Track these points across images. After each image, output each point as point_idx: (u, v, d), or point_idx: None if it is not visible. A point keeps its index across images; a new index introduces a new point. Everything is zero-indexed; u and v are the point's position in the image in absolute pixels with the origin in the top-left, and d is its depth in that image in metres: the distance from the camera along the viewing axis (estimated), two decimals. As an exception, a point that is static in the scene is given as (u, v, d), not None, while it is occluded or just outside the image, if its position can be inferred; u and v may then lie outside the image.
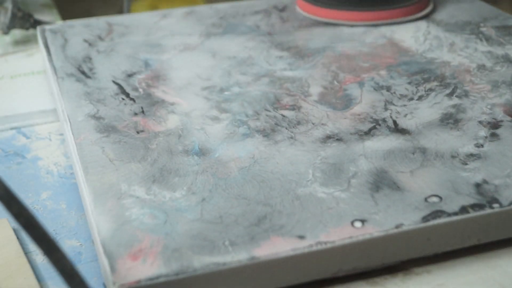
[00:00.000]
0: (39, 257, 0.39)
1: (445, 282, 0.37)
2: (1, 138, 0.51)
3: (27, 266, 0.38)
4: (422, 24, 0.61)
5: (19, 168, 0.48)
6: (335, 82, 0.51)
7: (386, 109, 0.47)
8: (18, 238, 0.40)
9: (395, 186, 0.39)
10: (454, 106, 0.47)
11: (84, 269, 0.38)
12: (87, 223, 0.42)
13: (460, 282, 0.37)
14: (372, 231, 0.36)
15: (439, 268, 0.38)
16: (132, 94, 0.50)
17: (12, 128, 0.53)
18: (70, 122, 0.46)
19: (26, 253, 0.39)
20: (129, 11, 0.75)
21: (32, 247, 0.40)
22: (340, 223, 0.36)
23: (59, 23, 0.62)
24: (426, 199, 0.38)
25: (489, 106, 0.47)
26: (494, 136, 0.44)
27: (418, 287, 0.37)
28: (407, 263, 0.38)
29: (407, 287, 0.37)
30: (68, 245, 0.40)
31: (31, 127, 0.53)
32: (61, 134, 0.52)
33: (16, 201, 0.27)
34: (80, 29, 0.60)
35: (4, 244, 0.39)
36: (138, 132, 0.45)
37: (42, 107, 0.54)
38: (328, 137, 0.44)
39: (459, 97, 0.49)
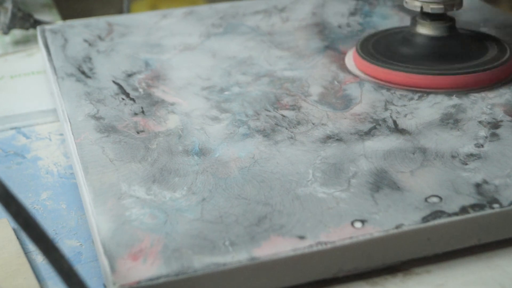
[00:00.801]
0: (39, 257, 0.39)
1: (445, 282, 0.37)
2: (1, 138, 0.51)
3: (27, 266, 0.38)
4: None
5: (19, 168, 0.48)
6: (335, 82, 0.51)
7: (386, 109, 0.47)
8: (18, 238, 0.40)
9: (395, 186, 0.39)
10: (454, 106, 0.47)
11: (84, 269, 0.38)
12: (87, 223, 0.42)
13: (460, 282, 0.37)
14: (372, 231, 0.36)
15: (439, 268, 0.38)
16: (132, 94, 0.50)
17: (12, 128, 0.53)
18: (70, 122, 0.46)
19: (26, 253, 0.39)
20: (129, 11, 0.75)
21: (32, 247, 0.40)
22: (340, 223, 0.36)
23: (59, 23, 0.62)
24: (426, 199, 0.38)
25: (489, 106, 0.47)
26: (494, 136, 0.44)
27: (418, 287, 0.37)
28: (407, 263, 0.38)
29: (407, 287, 0.37)
30: (68, 245, 0.40)
31: (31, 127, 0.53)
32: (61, 134, 0.52)
33: (14, 201, 0.27)
34: (80, 29, 0.60)
35: (4, 244, 0.39)
36: (138, 132, 0.45)
37: (42, 107, 0.54)
38: (328, 137, 0.44)
39: (459, 97, 0.49)
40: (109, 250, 0.35)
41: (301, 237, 0.35)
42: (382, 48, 0.53)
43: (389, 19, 0.62)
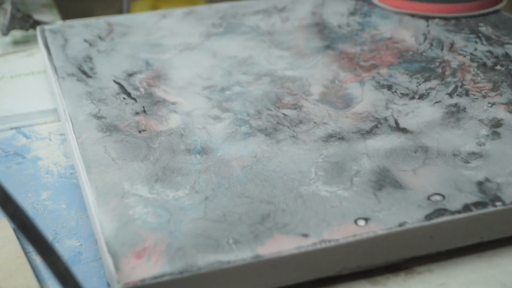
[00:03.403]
0: (39, 257, 0.39)
1: (447, 281, 0.37)
2: (1, 138, 0.51)
3: (27, 266, 0.38)
4: (422, 23, 0.61)
5: (19, 168, 0.48)
6: (336, 81, 0.51)
7: (387, 108, 0.47)
8: (18, 238, 0.40)
9: (398, 185, 0.39)
10: (455, 105, 0.48)
11: (84, 269, 0.38)
12: (88, 223, 0.42)
13: (462, 281, 0.37)
14: (375, 229, 0.36)
15: (441, 267, 0.38)
16: (133, 93, 0.50)
17: (12, 128, 0.53)
18: (71, 121, 0.46)
19: (26, 253, 0.39)
20: (129, 11, 0.75)
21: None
22: (344, 221, 0.36)
23: (59, 23, 0.62)
24: (429, 198, 0.38)
25: (489, 105, 0.47)
26: (495, 134, 0.44)
27: (420, 286, 0.37)
28: (409, 262, 0.38)
29: (409, 286, 0.37)
30: (68, 245, 0.40)
31: (31, 127, 0.53)
32: (61, 134, 0.52)
33: (11, 202, 0.27)
34: (80, 29, 0.60)
35: (4, 244, 0.39)
36: (140, 132, 0.45)
37: (42, 107, 0.54)
38: (330, 136, 0.44)
39: (460, 96, 0.49)
40: (113, 249, 0.35)
41: (305, 235, 0.35)
42: None
43: (388, 19, 0.62)
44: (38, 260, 0.39)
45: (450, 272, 0.38)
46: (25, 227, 0.27)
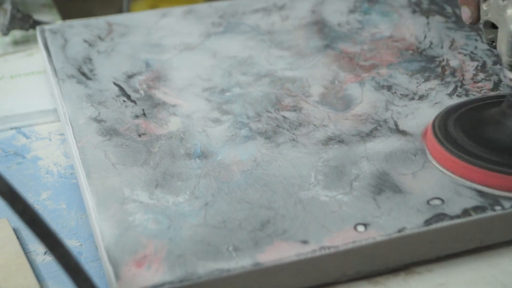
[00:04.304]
0: (39, 257, 0.40)
1: (446, 281, 0.37)
2: (1, 138, 0.51)
3: (27, 266, 0.38)
4: (422, 20, 0.61)
5: (19, 168, 0.48)
6: (336, 82, 0.51)
7: (387, 109, 0.47)
8: (18, 238, 0.40)
9: (397, 189, 0.39)
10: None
11: (84, 269, 0.38)
12: (87, 223, 0.42)
13: (462, 281, 0.37)
14: (375, 235, 0.36)
15: (441, 267, 0.38)
16: (133, 96, 0.49)
17: (12, 128, 0.53)
18: (71, 125, 0.46)
19: (26, 253, 0.39)
20: (129, 10, 0.75)
21: (32, 247, 0.40)
22: (343, 227, 0.37)
23: (59, 23, 0.62)
24: (428, 202, 0.38)
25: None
26: (495, 136, 0.44)
27: (420, 286, 0.37)
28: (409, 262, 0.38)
29: (409, 286, 0.37)
30: (68, 245, 0.40)
31: (31, 127, 0.53)
32: (61, 134, 0.52)
33: (19, 199, 0.27)
34: (80, 29, 0.60)
35: (4, 244, 0.39)
36: (140, 135, 0.45)
37: (42, 107, 0.54)
38: (330, 138, 0.44)
39: (460, 96, 0.49)
40: (113, 257, 0.35)
41: (304, 242, 0.36)
42: (467, 132, 0.42)
43: (388, 17, 0.62)
44: (38, 260, 0.39)
45: (450, 272, 0.38)
46: (34, 223, 0.28)
